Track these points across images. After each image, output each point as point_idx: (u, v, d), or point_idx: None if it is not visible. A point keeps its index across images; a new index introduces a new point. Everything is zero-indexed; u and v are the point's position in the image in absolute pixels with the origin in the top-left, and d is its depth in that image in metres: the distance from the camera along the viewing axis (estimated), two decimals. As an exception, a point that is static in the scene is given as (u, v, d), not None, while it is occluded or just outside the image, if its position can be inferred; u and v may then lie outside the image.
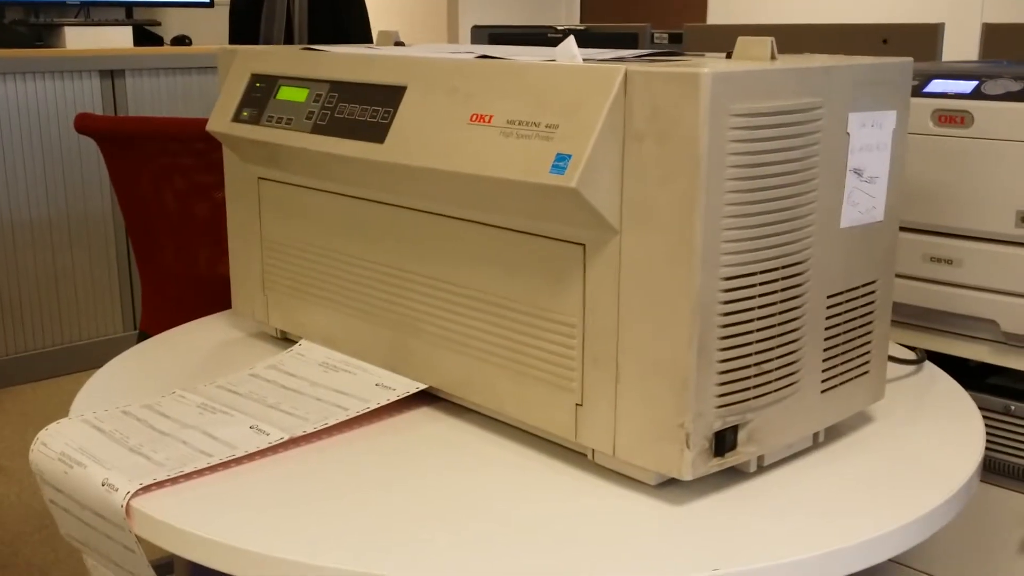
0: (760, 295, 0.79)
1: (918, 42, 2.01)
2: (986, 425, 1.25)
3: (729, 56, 0.87)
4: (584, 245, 0.81)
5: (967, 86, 1.21)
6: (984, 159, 1.19)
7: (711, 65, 0.75)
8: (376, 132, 0.91)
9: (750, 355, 0.79)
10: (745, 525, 0.77)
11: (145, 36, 3.51)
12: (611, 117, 0.76)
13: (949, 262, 1.24)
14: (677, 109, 0.73)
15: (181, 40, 3.56)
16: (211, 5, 3.60)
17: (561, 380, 0.85)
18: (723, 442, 0.80)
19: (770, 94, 0.76)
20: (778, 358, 0.82)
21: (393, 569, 0.71)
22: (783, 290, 0.81)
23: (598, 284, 0.80)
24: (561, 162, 0.76)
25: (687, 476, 0.78)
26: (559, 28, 2.47)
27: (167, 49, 3.35)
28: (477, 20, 5.27)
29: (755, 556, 0.73)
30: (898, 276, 1.29)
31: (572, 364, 0.84)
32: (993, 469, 1.26)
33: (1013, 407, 1.23)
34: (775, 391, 0.82)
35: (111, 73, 3.17)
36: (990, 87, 1.19)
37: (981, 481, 1.27)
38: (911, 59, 0.89)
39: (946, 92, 1.22)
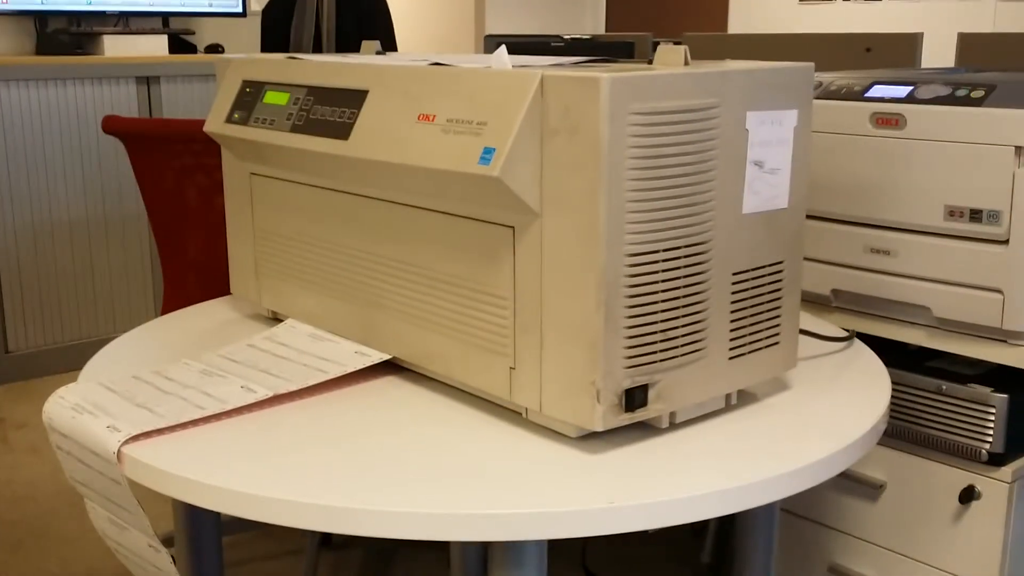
0: (664, 270, 0.90)
1: (899, 50, 2.11)
2: (921, 404, 1.35)
3: (650, 63, 0.98)
4: (513, 228, 0.93)
5: (902, 91, 1.31)
6: (916, 158, 1.29)
7: (616, 71, 0.86)
8: (342, 130, 1.04)
9: (656, 323, 0.91)
10: (648, 469, 0.89)
11: (180, 44, 3.69)
12: (529, 115, 0.88)
13: (887, 252, 1.34)
14: (583, 108, 0.85)
15: (214, 48, 3.73)
16: (244, 15, 3.77)
17: (497, 347, 0.97)
18: (633, 399, 0.91)
19: (667, 95, 0.87)
20: (683, 326, 0.93)
21: (352, 501, 0.83)
22: (686, 267, 0.92)
23: (525, 261, 0.92)
24: (487, 155, 0.88)
25: (599, 427, 0.90)
26: (565, 37, 2.59)
27: (200, 57, 3.52)
28: (502, 30, 5.41)
29: (649, 493, 0.84)
30: (840, 265, 1.39)
31: (506, 332, 0.96)
32: (928, 444, 1.36)
33: (945, 387, 1.33)
34: (681, 355, 0.94)
35: (147, 79, 3.34)
36: (922, 92, 1.29)
37: (918, 456, 1.38)
38: (812, 64, 1.00)
39: (883, 96, 1.32)
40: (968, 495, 1.33)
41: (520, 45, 2.65)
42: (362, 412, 1.02)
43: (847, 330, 1.28)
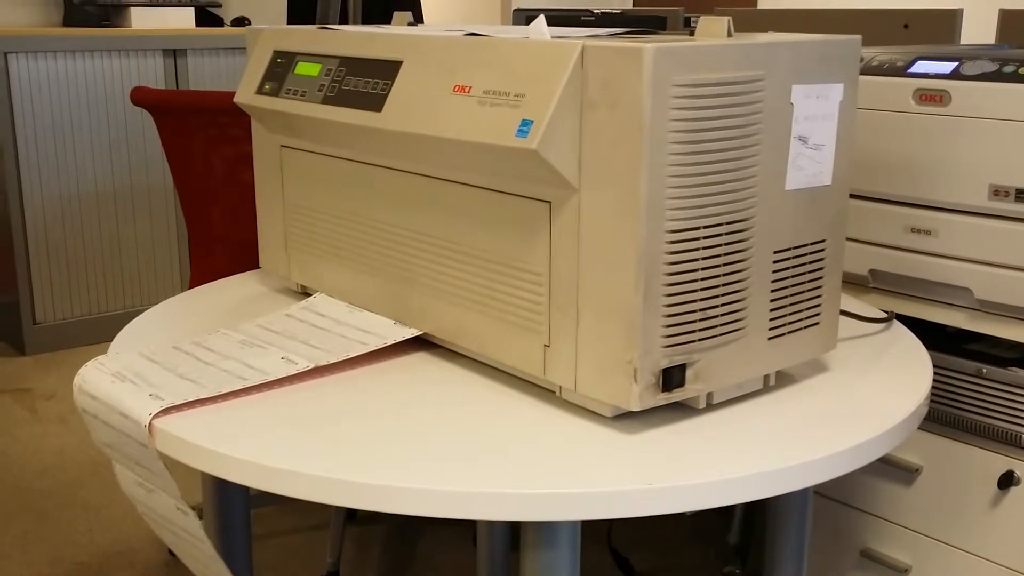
0: (705, 247, 0.88)
1: (938, 26, 2.07)
2: (961, 388, 1.33)
3: (692, 35, 0.96)
4: (550, 203, 0.91)
5: (947, 67, 1.28)
6: (960, 136, 1.26)
7: (658, 42, 0.84)
8: (375, 102, 1.02)
9: (695, 301, 0.89)
10: (685, 450, 0.87)
11: (207, 17, 3.67)
12: (569, 87, 0.85)
13: (928, 232, 1.31)
14: (624, 80, 0.82)
15: (241, 21, 3.71)
16: (270, -12, 3.75)
17: (532, 324, 0.95)
18: (670, 379, 0.89)
19: (711, 67, 0.85)
20: (723, 305, 0.91)
21: (384, 478, 0.82)
22: (727, 244, 0.90)
23: (562, 237, 0.90)
24: (525, 127, 0.86)
25: (635, 407, 0.88)
26: (594, 11, 2.56)
27: (227, 30, 3.50)
28: (530, 3, 5.36)
29: (686, 475, 0.82)
30: (880, 245, 1.37)
31: (541, 309, 0.94)
32: (967, 428, 1.33)
33: (985, 370, 1.30)
34: (720, 335, 0.91)
35: (174, 52, 3.33)
36: (968, 68, 1.26)
37: (956, 440, 1.35)
38: (859, 37, 0.97)
39: (927, 72, 1.29)
40: (1007, 480, 1.31)
41: (550, 18, 2.61)
42: (393, 388, 1.00)
43: (885, 311, 1.26)
